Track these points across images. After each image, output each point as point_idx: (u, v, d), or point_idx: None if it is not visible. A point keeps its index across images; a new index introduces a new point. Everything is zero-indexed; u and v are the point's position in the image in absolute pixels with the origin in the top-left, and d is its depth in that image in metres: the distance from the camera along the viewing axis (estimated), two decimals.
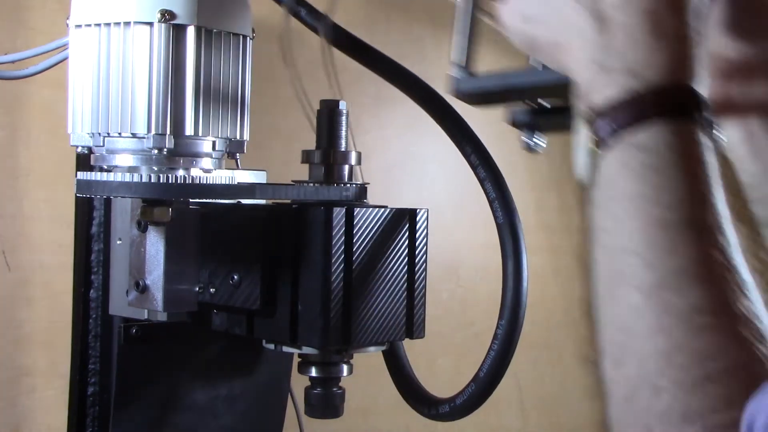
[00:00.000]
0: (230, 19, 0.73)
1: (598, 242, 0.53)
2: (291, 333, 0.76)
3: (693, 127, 0.52)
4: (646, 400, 0.47)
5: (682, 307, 0.48)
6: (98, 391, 0.87)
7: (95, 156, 0.74)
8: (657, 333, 0.48)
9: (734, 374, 0.46)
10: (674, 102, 0.52)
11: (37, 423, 1.23)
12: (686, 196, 0.50)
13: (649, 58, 0.52)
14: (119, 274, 0.84)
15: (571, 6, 0.56)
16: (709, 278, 0.49)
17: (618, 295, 0.51)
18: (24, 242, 1.22)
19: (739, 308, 0.48)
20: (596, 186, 0.54)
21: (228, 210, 0.82)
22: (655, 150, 0.51)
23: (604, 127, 0.52)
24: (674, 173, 0.51)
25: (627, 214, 0.51)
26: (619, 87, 0.52)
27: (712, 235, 0.50)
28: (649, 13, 0.53)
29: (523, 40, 0.61)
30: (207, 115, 0.72)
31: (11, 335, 1.21)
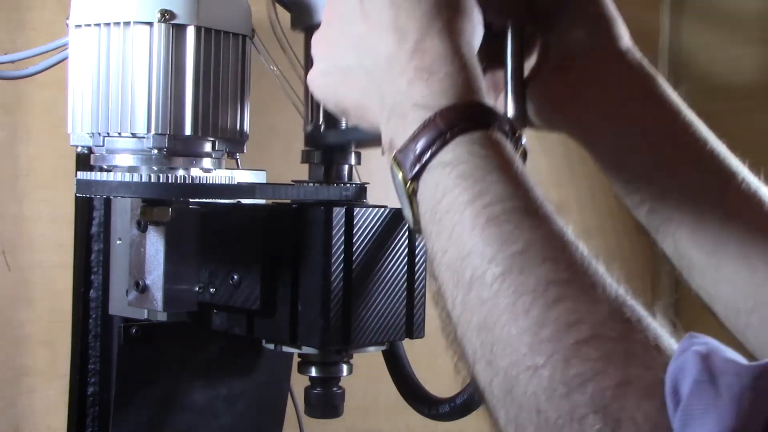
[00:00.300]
0: (230, 19, 0.73)
1: (440, 266, 0.54)
2: (291, 333, 0.76)
3: (492, 135, 0.54)
4: (528, 384, 0.47)
5: (533, 285, 0.49)
6: (98, 391, 0.87)
7: (95, 156, 0.74)
8: (517, 316, 0.48)
9: (603, 333, 0.46)
10: (466, 118, 0.54)
11: (37, 423, 1.23)
12: (507, 190, 0.52)
13: (429, 90, 0.56)
14: (119, 274, 0.84)
15: (360, 67, 0.61)
16: (551, 254, 0.50)
17: (471, 299, 0.51)
18: (24, 242, 1.22)
19: (587, 274, 0.49)
20: (422, 221, 0.55)
21: (228, 210, 0.82)
22: (463, 161, 0.53)
23: (410, 161, 0.55)
24: (487, 175, 0.53)
25: (457, 226, 0.52)
26: (414, 123, 0.55)
27: (542, 218, 0.52)
28: (417, 49, 0.57)
29: (332, 105, 0.65)
30: (207, 115, 0.72)
31: (11, 335, 1.21)
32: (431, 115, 0.55)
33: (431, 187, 0.54)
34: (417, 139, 0.54)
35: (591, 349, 0.46)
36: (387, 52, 0.58)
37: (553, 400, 0.46)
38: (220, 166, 0.76)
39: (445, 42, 0.57)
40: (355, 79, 0.62)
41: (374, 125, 0.61)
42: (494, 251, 0.50)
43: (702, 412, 0.41)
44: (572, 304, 0.48)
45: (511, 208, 0.52)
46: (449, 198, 0.53)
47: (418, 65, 0.57)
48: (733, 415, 0.41)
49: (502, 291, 0.49)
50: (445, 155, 0.54)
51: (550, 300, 0.48)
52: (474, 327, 0.51)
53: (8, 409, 1.21)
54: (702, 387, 0.42)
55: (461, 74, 0.56)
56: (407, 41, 0.57)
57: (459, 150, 0.54)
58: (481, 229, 0.51)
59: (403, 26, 0.58)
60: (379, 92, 0.59)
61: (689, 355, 0.44)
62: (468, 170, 0.53)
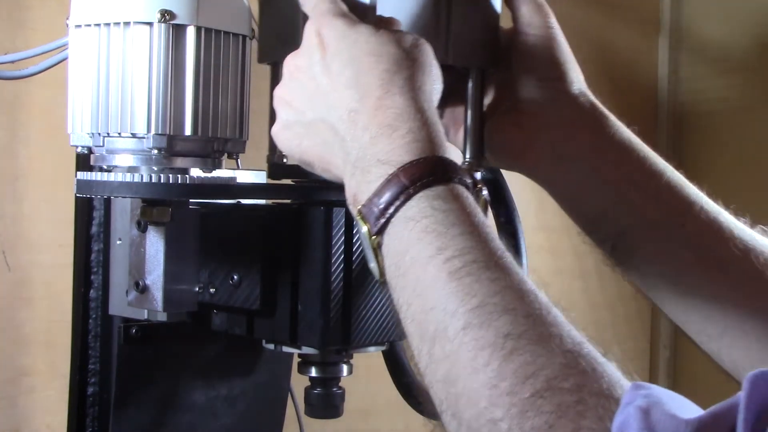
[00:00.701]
0: (230, 19, 0.73)
1: (406, 319, 0.55)
2: (291, 333, 0.76)
3: (453, 189, 0.57)
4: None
5: (492, 338, 0.50)
6: (98, 391, 0.87)
7: (95, 156, 0.74)
8: (477, 370, 0.50)
9: (558, 385, 0.47)
10: (428, 173, 0.56)
11: (37, 423, 1.23)
12: (468, 243, 0.54)
13: (391, 146, 0.58)
14: (119, 274, 0.84)
15: (323, 121, 0.62)
16: (510, 305, 0.51)
17: (436, 353, 0.52)
18: (24, 242, 1.22)
19: (545, 324, 0.50)
20: (387, 273, 0.57)
21: (228, 210, 0.82)
22: (426, 216, 0.55)
23: (374, 215, 0.57)
24: (449, 228, 0.54)
25: (420, 280, 0.54)
26: (378, 179, 0.57)
27: (502, 269, 0.53)
28: (379, 106, 0.59)
29: (297, 158, 0.67)
30: (207, 115, 0.72)
31: (11, 335, 1.21)
32: (394, 171, 0.56)
33: (395, 241, 0.56)
34: (380, 194, 0.57)
35: (545, 403, 0.47)
36: (350, 108, 0.60)
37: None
38: (220, 166, 0.76)
39: (406, 98, 0.59)
40: (319, 133, 0.63)
41: (338, 177, 0.63)
42: (455, 306, 0.52)
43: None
44: (529, 357, 0.49)
45: (472, 260, 0.53)
46: (413, 252, 0.55)
47: (381, 121, 0.59)
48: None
49: (463, 345, 0.51)
50: (409, 210, 0.56)
51: (507, 352, 0.49)
52: (439, 380, 0.52)
53: (8, 409, 1.21)
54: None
55: (423, 130, 0.58)
56: (370, 97, 0.60)
57: (422, 205, 0.56)
58: (443, 283, 0.53)
59: (365, 83, 0.60)
60: (343, 146, 0.61)
61: (631, 410, 0.45)
62: (431, 225, 0.55)
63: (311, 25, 0.65)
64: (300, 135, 0.65)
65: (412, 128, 0.58)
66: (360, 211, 0.58)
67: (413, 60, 0.62)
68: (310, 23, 0.65)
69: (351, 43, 0.62)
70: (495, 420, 0.48)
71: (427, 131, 0.59)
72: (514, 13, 0.75)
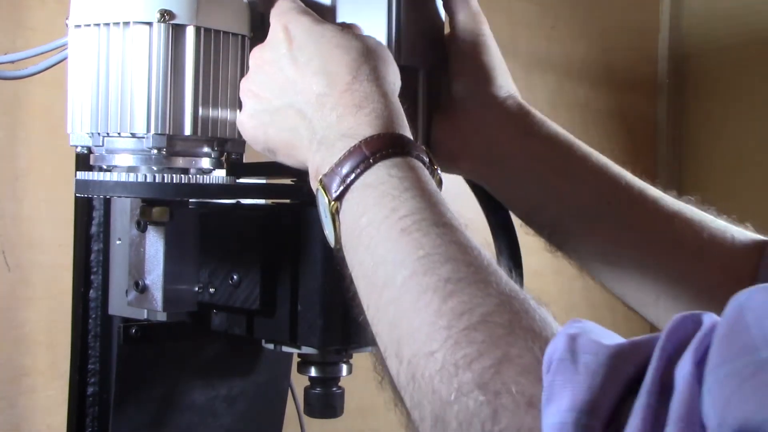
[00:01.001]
0: (230, 19, 0.73)
1: (357, 277, 0.60)
2: (290, 333, 0.76)
3: (410, 160, 0.61)
4: (425, 368, 0.52)
5: (434, 283, 0.54)
6: (98, 391, 0.87)
7: (95, 156, 0.74)
8: (419, 310, 0.54)
9: (491, 320, 0.51)
10: (388, 146, 0.61)
11: (37, 423, 1.23)
12: (419, 205, 0.58)
13: (356, 122, 0.62)
14: (119, 274, 0.84)
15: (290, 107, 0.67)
16: (453, 256, 0.55)
17: (383, 300, 0.57)
18: (24, 242, 1.22)
19: (484, 272, 0.55)
20: (342, 237, 0.62)
21: (228, 210, 0.82)
22: (383, 182, 0.60)
23: (335, 183, 0.61)
24: (403, 192, 0.59)
25: (373, 237, 0.58)
26: (340, 150, 0.62)
27: (449, 227, 0.57)
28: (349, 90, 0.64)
29: (261, 145, 0.71)
30: (206, 115, 0.72)
31: (11, 335, 1.21)
32: (356, 143, 0.61)
33: (353, 205, 0.60)
34: (342, 163, 0.61)
35: (478, 334, 0.51)
36: (318, 92, 0.65)
37: (444, 380, 0.50)
38: (220, 166, 0.76)
39: (372, 84, 0.65)
40: (285, 119, 0.68)
41: (301, 161, 0.67)
42: (403, 257, 0.56)
43: (561, 387, 0.45)
44: (466, 297, 0.53)
45: (421, 219, 0.57)
46: (369, 215, 0.59)
47: (348, 102, 0.63)
48: (586, 389, 0.45)
49: (408, 290, 0.55)
50: (368, 177, 0.60)
51: (447, 294, 0.53)
52: (384, 325, 0.56)
53: (8, 409, 1.21)
54: (564, 364, 0.46)
55: (386, 110, 0.63)
56: (338, 83, 0.64)
57: (380, 173, 0.60)
58: (394, 239, 0.57)
59: (334, 71, 0.65)
60: (310, 127, 0.65)
61: (560, 337, 0.48)
62: (387, 190, 0.59)
63: (277, 21, 0.69)
64: (265, 123, 0.69)
65: (376, 108, 0.63)
66: (321, 180, 0.62)
67: (377, 54, 0.67)
68: (276, 19, 0.70)
69: (318, 37, 0.67)
70: (432, 352, 0.52)
71: (390, 111, 0.64)
72: (451, 20, 0.81)
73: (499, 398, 0.48)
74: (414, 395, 0.53)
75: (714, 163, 2.18)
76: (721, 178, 2.17)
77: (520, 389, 0.48)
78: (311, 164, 0.65)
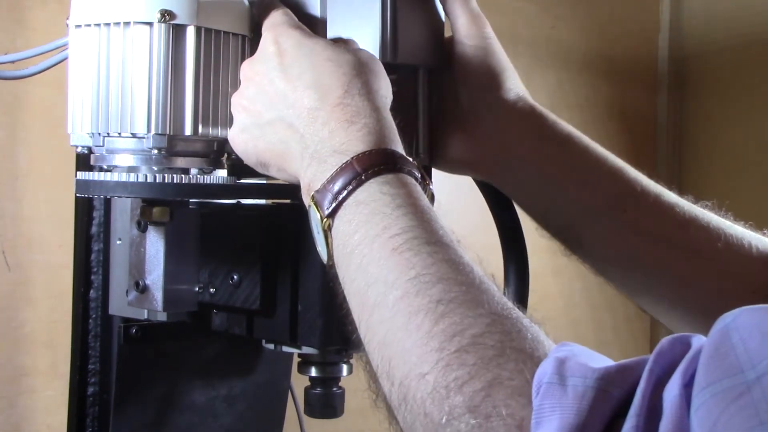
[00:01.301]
0: (230, 19, 0.73)
1: (349, 294, 0.60)
2: (291, 333, 0.76)
3: (401, 176, 0.61)
4: (416, 390, 0.52)
5: (425, 304, 0.54)
6: (98, 391, 0.87)
7: (95, 156, 0.74)
8: (410, 332, 0.53)
9: (482, 342, 0.51)
10: (379, 162, 0.61)
11: (37, 423, 1.23)
12: (411, 222, 0.58)
13: (347, 138, 0.62)
14: (119, 274, 0.84)
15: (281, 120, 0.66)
16: (445, 275, 0.55)
17: (374, 320, 0.56)
18: (24, 242, 1.22)
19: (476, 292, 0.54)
20: (336, 254, 0.61)
21: (228, 210, 0.82)
22: (375, 200, 0.59)
23: (327, 200, 0.61)
24: (395, 210, 0.59)
25: (365, 255, 0.58)
26: (332, 167, 0.61)
27: (441, 245, 0.57)
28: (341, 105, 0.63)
29: (253, 159, 0.70)
30: (207, 115, 0.72)
31: (11, 335, 1.21)
32: (348, 159, 0.61)
33: (345, 223, 0.60)
34: (334, 180, 0.61)
35: (469, 356, 0.50)
36: (310, 106, 0.65)
37: (435, 402, 0.50)
38: (220, 166, 0.76)
39: (364, 99, 0.64)
40: (276, 132, 0.67)
41: (293, 174, 0.67)
42: (395, 277, 0.56)
43: (550, 411, 0.46)
44: (457, 318, 0.53)
45: (413, 237, 0.57)
46: (361, 232, 0.59)
47: (339, 117, 0.63)
48: (574, 412, 0.45)
49: (399, 311, 0.54)
50: (360, 194, 0.60)
51: (438, 315, 0.53)
52: (376, 345, 0.56)
53: (8, 409, 1.21)
54: (552, 388, 0.46)
55: (377, 125, 0.63)
56: (330, 97, 0.64)
57: (372, 189, 0.60)
58: (385, 258, 0.57)
59: (326, 84, 0.64)
60: (301, 142, 0.65)
61: (549, 360, 0.48)
62: (378, 207, 0.59)
63: (268, 34, 0.69)
64: (256, 137, 0.69)
65: (368, 123, 0.63)
66: (314, 196, 0.62)
67: (369, 68, 0.67)
68: (268, 32, 0.70)
69: (308, 51, 0.67)
70: (423, 374, 0.51)
71: (381, 126, 0.63)
72: (452, 24, 0.79)
73: (490, 421, 0.48)
74: (407, 417, 0.53)
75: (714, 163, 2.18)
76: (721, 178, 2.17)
77: (510, 412, 0.48)
78: (303, 178, 0.65)
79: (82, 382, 0.87)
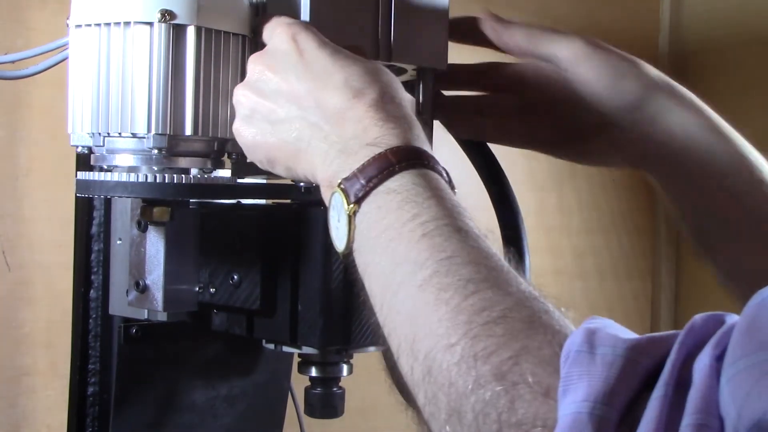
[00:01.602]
0: (230, 19, 0.73)
1: (371, 276, 0.60)
2: (291, 333, 0.76)
3: (429, 171, 0.62)
4: (442, 361, 0.52)
5: (455, 281, 0.55)
6: (98, 391, 0.87)
7: (95, 156, 0.74)
8: (438, 307, 0.54)
9: (511, 315, 0.52)
10: (413, 156, 0.62)
11: (37, 423, 1.23)
12: (441, 212, 0.59)
13: (383, 133, 0.63)
14: (119, 274, 0.84)
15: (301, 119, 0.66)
16: (474, 259, 0.56)
17: (399, 298, 0.57)
18: (24, 242, 1.22)
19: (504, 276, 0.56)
20: (356, 240, 0.62)
21: (228, 210, 0.82)
22: (406, 189, 0.61)
23: (357, 186, 0.61)
24: (426, 200, 0.60)
25: (393, 239, 0.59)
26: (365, 157, 0.62)
27: (470, 234, 0.58)
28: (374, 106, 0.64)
29: (261, 154, 0.70)
30: (207, 115, 0.72)
31: (11, 335, 1.21)
32: (382, 151, 0.62)
33: (374, 209, 0.61)
34: (366, 169, 0.62)
35: (498, 328, 0.51)
36: (339, 106, 0.65)
37: (462, 372, 0.51)
38: (220, 166, 0.76)
39: (398, 105, 0.65)
40: (290, 130, 0.67)
41: (304, 173, 0.67)
42: (425, 258, 0.57)
43: (578, 378, 0.46)
44: (487, 295, 0.54)
45: (443, 225, 0.58)
46: (390, 218, 0.60)
47: (374, 116, 0.64)
48: (602, 380, 0.45)
49: (428, 288, 0.55)
50: (392, 183, 0.61)
51: (468, 292, 0.54)
52: (399, 321, 0.57)
53: (8, 409, 1.21)
54: (581, 356, 0.47)
55: (411, 127, 0.65)
56: (363, 99, 0.64)
57: (404, 180, 0.61)
58: (415, 241, 0.58)
59: (357, 87, 0.65)
60: (326, 140, 0.65)
61: (579, 330, 0.49)
62: (410, 196, 0.60)
63: (283, 30, 0.69)
64: (265, 132, 0.68)
65: (402, 124, 0.64)
66: (341, 183, 0.62)
67: (390, 75, 0.68)
68: (281, 28, 0.69)
69: (332, 52, 0.67)
70: (450, 345, 0.52)
71: (415, 128, 0.65)
72: (552, 61, 0.81)
73: (517, 389, 0.48)
74: (429, 390, 0.53)
75: None
76: None
77: (537, 380, 0.48)
78: (322, 174, 0.65)
79: (82, 382, 0.87)
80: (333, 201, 0.63)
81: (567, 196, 2.00)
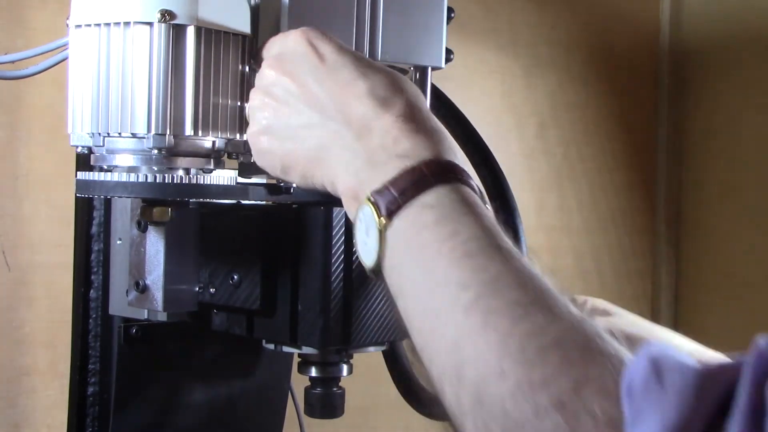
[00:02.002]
0: (230, 18, 0.73)
1: (406, 296, 0.58)
2: (291, 333, 0.76)
3: (463, 186, 0.60)
4: (494, 388, 0.50)
5: (502, 305, 0.53)
6: (98, 391, 0.87)
7: (95, 156, 0.74)
8: (487, 333, 0.52)
9: (565, 341, 0.50)
10: (447, 171, 0.60)
11: (37, 423, 1.23)
12: (480, 231, 0.57)
13: (414, 145, 0.61)
14: (119, 274, 0.84)
15: (322, 126, 0.65)
16: (519, 281, 0.54)
17: (441, 323, 0.54)
18: (24, 242, 1.22)
19: (551, 298, 0.53)
20: (388, 256, 0.59)
21: (228, 210, 0.82)
22: (442, 204, 0.58)
23: (389, 199, 0.59)
24: (463, 216, 0.58)
25: (432, 258, 0.56)
26: (396, 169, 0.60)
27: (510, 253, 0.56)
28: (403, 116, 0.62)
29: (278, 161, 0.68)
30: (207, 115, 0.72)
31: (11, 335, 1.21)
32: (415, 164, 0.59)
33: (409, 224, 0.58)
34: (398, 182, 0.59)
35: (553, 355, 0.49)
36: (365, 114, 0.63)
37: (518, 401, 0.49)
38: (220, 166, 0.76)
39: (425, 114, 0.64)
40: (311, 137, 0.65)
41: (322, 181, 0.66)
42: (467, 280, 0.54)
43: (649, 408, 0.44)
44: (537, 318, 0.51)
45: (485, 245, 0.56)
46: (426, 234, 0.57)
47: (403, 127, 0.62)
48: (675, 410, 0.44)
49: (474, 312, 0.53)
50: (427, 198, 0.58)
51: (516, 317, 0.52)
52: (444, 348, 0.54)
53: (8, 409, 1.21)
54: (650, 385, 0.45)
55: (441, 138, 0.62)
56: (391, 108, 0.63)
57: (439, 195, 0.59)
58: (456, 261, 0.55)
59: (383, 96, 0.63)
60: (351, 148, 0.63)
61: (642, 357, 0.47)
62: (447, 212, 0.58)
63: (299, 36, 0.67)
64: (283, 138, 0.67)
65: (432, 136, 0.62)
66: (370, 196, 0.60)
67: (414, 87, 0.66)
68: (298, 33, 0.67)
69: (353, 59, 0.65)
70: (503, 372, 0.50)
71: (445, 140, 0.63)
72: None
73: (578, 419, 0.47)
74: (479, 419, 0.51)
75: (714, 163, 2.18)
76: (721, 178, 2.17)
77: (600, 410, 0.46)
78: (346, 183, 0.63)
79: (82, 382, 0.87)
80: (361, 213, 0.61)
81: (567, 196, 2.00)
